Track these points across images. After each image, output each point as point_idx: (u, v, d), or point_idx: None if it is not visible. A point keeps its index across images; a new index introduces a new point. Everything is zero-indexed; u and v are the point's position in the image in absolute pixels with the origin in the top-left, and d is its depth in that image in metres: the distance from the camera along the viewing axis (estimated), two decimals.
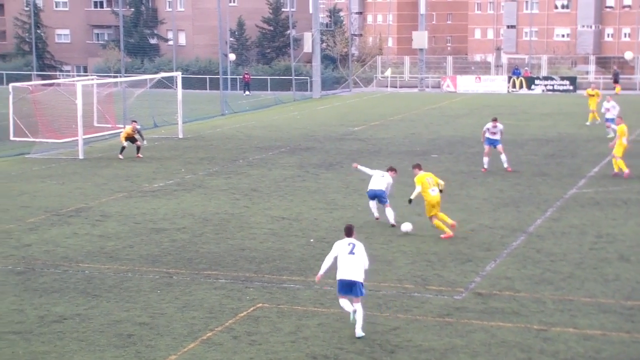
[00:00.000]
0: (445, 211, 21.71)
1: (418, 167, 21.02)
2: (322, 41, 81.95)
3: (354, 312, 14.00)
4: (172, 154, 36.29)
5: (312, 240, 20.78)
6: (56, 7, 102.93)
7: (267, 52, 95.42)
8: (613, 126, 36.66)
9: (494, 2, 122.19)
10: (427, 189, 20.45)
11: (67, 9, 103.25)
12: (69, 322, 14.67)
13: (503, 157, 30.19)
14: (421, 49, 75.56)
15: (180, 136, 42.59)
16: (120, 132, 36.80)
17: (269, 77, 79.03)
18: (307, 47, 71.13)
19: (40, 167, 33.00)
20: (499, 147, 30.14)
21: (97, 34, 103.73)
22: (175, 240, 20.86)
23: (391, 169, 22.42)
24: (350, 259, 13.99)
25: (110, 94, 47.23)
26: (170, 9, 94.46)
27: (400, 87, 77.60)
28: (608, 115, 39.07)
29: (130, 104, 46.58)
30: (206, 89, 77.86)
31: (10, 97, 41.29)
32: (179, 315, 15.04)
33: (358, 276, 13.95)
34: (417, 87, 76.35)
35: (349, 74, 78.42)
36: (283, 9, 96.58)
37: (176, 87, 44.23)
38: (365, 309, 14.38)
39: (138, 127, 35.42)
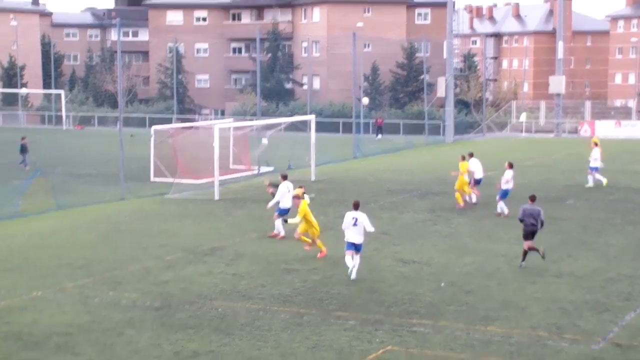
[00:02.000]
0: (582, 259, 21.10)
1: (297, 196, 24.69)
2: (456, 86, 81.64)
3: (353, 267, 21.08)
4: None
5: (442, 284, 20.62)
6: (197, 53, 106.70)
7: (400, 97, 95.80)
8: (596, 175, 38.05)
9: (636, 46, 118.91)
10: (309, 216, 23.68)
11: (207, 55, 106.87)
12: (203, 359, 15.01)
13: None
14: (558, 94, 74.22)
15: (313, 178, 43.13)
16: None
17: (401, 121, 79.24)
18: (440, 92, 71.02)
19: (178, 207, 34.05)
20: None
21: (235, 78, 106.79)
22: (306, 280, 21.10)
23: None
24: (354, 229, 21.26)
25: (245, 137, 48.45)
26: (306, 55, 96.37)
27: (536, 131, 76.27)
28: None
29: (264, 147, 47.60)
30: (339, 132, 78.74)
31: (152, 139, 42.98)
32: (309, 356, 15.17)
33: (360, 240, 21.25)
34: (553, 132, 74.89)
35: (483, 118, 77.76)
36: (417, 55, 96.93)
37: (310, 130, 44.95)
38: (495, 356, 14.15)
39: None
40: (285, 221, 23.76)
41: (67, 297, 19.55)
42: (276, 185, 27.94)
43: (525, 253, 22.23)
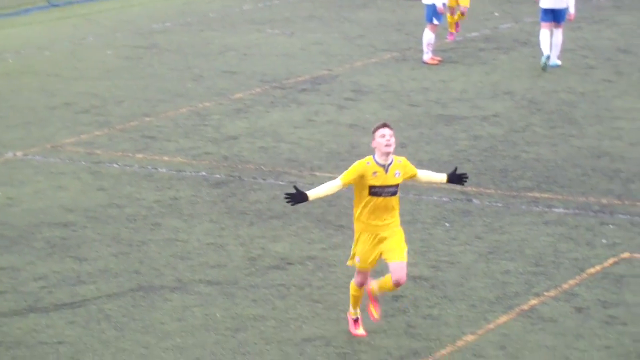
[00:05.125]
0: None
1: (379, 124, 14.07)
2: None
3: (551, 51, 24.84)
4: None
5: None
6: None
7: None
8: None
9: None
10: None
11: None
12: (297, 270, 15.16)
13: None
14: None
15: None
16: None
17: None
18: None
19: (255, 5, 34.00)
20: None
21: None
22: (478, 137, 20.96)
23: None
24: None
25: None
26: None
27: None
28: None
29: None
30: None
31: None
32: (481, 267, 15.13)
33: (562, 3, 24.46)
34: None
35: None
36: None
37: None
38: None
39: None
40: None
41: (65, 162, 19.92)
42: None
43: None
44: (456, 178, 13.62)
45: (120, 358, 12.76)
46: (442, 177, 13.69)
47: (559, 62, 25.15)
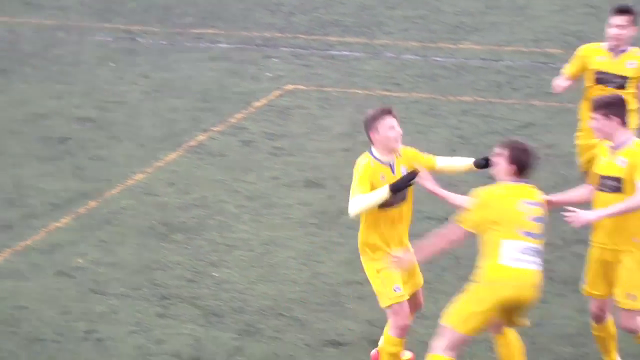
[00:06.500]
0: None
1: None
2: None
3: None
4: None
5: None
6: None
7: None
8: None
9: None
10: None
11: None
12: None
13: None
14: None
15: None
16: None
17: None
18: None
19: None
20: None
21: None
22: None
23: None
24: None
25: None
26: None
27: None
28: None
29: None
30: None
31: None
32: (148, 106, 15.16)
33: None
34: None
35: None
36: None
37: None
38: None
39: None
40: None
41: None
42: None
43: None
44: (482, 162, 10.12)
45: None
46: (468, 163, 10.34)
47: None
